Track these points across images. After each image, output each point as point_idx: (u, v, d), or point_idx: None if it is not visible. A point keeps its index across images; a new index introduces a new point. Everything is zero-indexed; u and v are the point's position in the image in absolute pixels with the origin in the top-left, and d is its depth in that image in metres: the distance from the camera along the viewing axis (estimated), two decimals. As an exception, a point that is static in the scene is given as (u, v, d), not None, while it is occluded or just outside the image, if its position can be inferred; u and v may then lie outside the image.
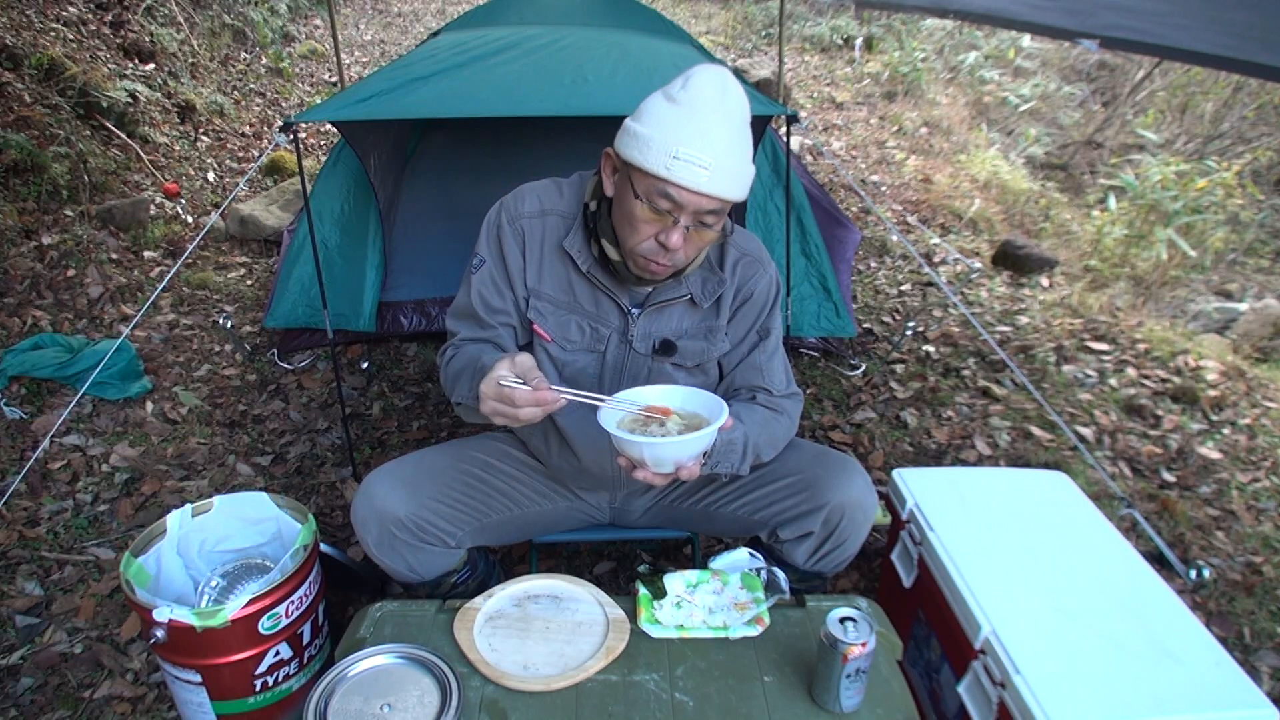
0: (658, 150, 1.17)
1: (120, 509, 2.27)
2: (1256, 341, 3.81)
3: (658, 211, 1.21)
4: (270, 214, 3.91)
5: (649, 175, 1.19)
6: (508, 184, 1.49)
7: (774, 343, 1.49)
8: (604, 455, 1.49)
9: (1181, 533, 2.32)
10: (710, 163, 1.16)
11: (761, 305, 1.46)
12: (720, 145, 1.17)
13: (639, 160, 1.19)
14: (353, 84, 2.66)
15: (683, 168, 1.16)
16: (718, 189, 1.18)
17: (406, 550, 1.41)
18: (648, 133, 1.19)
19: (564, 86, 2.12)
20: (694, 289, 1.40)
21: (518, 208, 1.40)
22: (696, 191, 1.17)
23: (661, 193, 1.19)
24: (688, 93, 1.19)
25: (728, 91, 1.20)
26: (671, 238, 1.22)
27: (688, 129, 1.17)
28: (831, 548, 1.46)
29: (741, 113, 1.22)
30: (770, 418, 1.43)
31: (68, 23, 4.38)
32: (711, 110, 1.18)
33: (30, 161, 3.36)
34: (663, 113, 1.19)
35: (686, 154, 1.16)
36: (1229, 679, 1.26)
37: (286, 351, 2.99)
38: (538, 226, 1.39)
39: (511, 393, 1.12)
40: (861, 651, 1.11)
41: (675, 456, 1.17)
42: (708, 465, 1.29)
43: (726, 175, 1.18)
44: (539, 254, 1.40)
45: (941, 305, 3.59)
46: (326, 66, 6.66)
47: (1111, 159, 6.08)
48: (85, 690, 1.75)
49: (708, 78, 1.20)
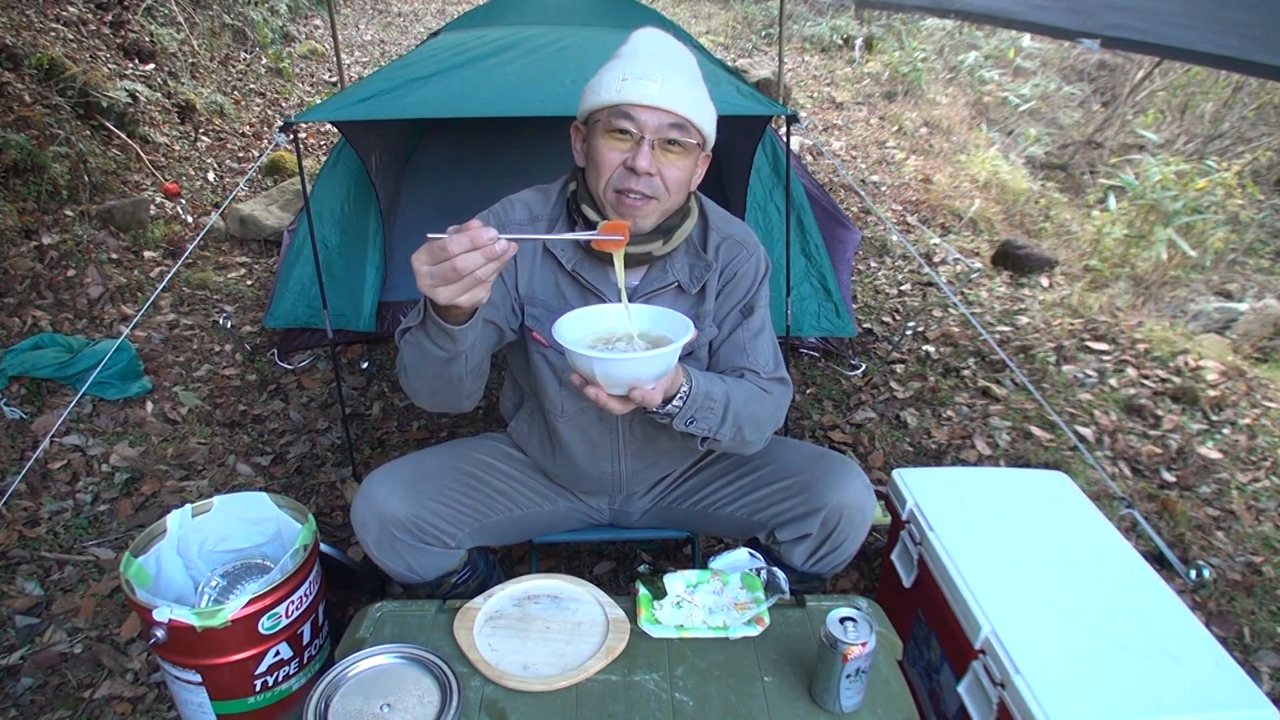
0: (607, 82, 1.24)
1: (120, 509, 2.27)
2: (1256, 341, 3.81)
3: (621, 134, 1.24)
4: (270, 214, 3.91)
5: (604, 108, 1.24)
6: (508, 184, 1.48)
7: (759, 321, 1.44)
8: (603, 460, 1.49)
9: (1181, 533, 2.32)
10: (658, 78, 1.21)
11: (747, 285, 1.43)
12: (667, 69, 1.23)
13: (593, 102, 1.25)
14: (353, 84, 2.66)
15: (631, 86, 1.21)
16: (670, 102, 1.21)
17: (406, 551, 1.41)
18: (596, 79, 1.27)
19: (564, 86, 2.12)
20: (680, 276, 1.39)
21: (509, 215, 1.41)
22: (650, 105, 1.21)
23: (619, 114, 1.23)
24: (629, 44, 1.28)
25: (669, 41, 1.29)
26: (640, 159, 1.23)
27: (631, 59, 1.25)
28: (829, 549, 1.46)
29: (687, 58, 1.29)
30: (756, 393, 1.37)
31: (68, 23, 4.38)
32: (653, 48, 1.27)
33: (30, 161, 3.36)
34: (609, 64, 1.28)
35: (633, 73, 1.22)
36: (1229, 679, 1.26)
37: (286, 351, 2.99)
38: (527, 233, 1.39)
39: (442, 242, 0.98)
40: (861, 651, 1.11)
41: (630, 375, 1.07)
42: (683, 417, 1.22)
43: (678, 92, 1.22)
44: (530, 260, 1.39)
45: (941, 305, 3.58)
46: (326, 66, 6.66)
47: (1111, 159, 6.08)
48: (85, 690, 1.75)
49: (648, 31, 1.30)
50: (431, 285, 0.99)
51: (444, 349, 1.14)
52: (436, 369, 1.19)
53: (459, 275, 0.98)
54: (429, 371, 1.21)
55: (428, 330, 1.13)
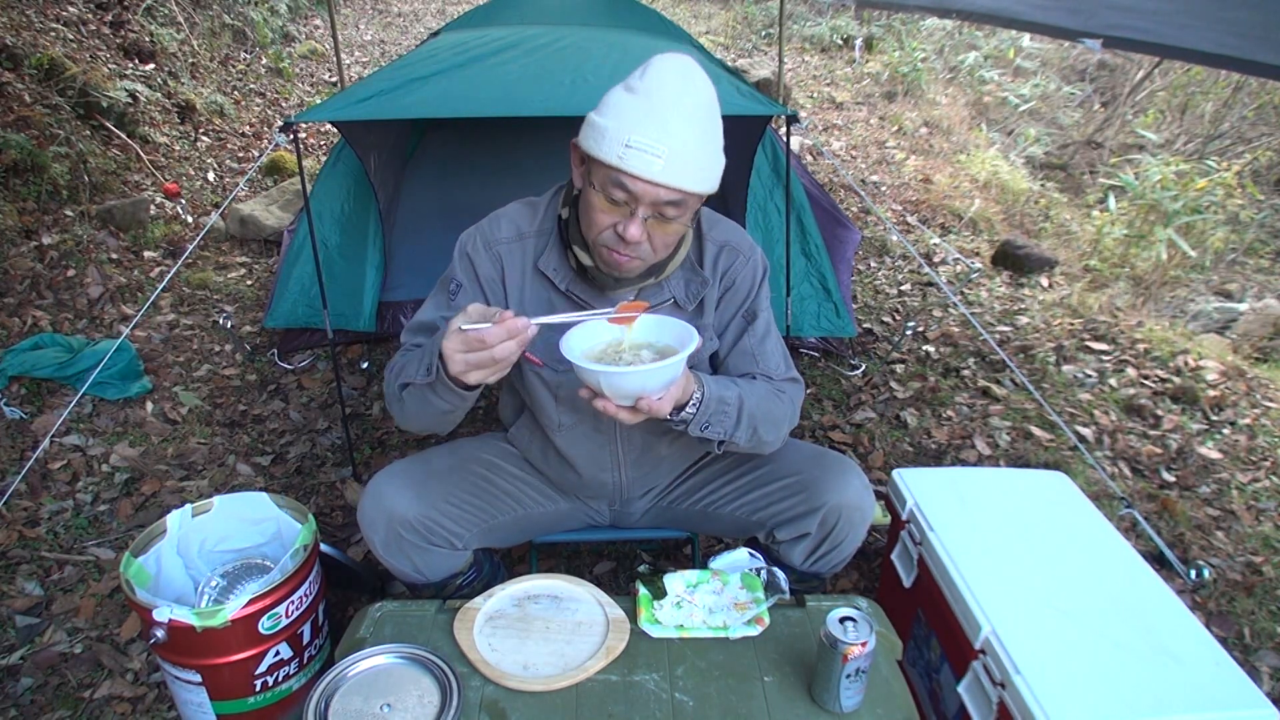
0: (611, 139, 1.13)
1: (120, 509, 2.27)
2: (1256, 341, 3.81)
3: (613, 202, 1.17)
4: (270, 214, 3.91)
5: (604, 165, 1.15)
6: (508, 184, 1.48)
7: (763, 326, 1.43)
8: (603, 470, 1.49)
9: (1181, 533, 2.32)
10: (664, 151, 1.12)
11: (746, 291, 1.42)
12: (677, 134, 1.13)
13: (594, 150, 1.16)
14: (353, 84, 2.66)
15: (635, 156, 1.12)
16: (672, 178, 1.13)
17: (414, 552, 1.41)
18: (604, 122, 1.15)
19: (564, 86, 2.12)
20: (677, 293, 1.37)
21: (493, 233, 1.36)
22: (650, 181, 1.13)
23: (615, 182, 1.15)
24: (645, 81, 1.15)
25: (689, 79, 1.16)
26: (629, 230, 1.17)
27: (642, 117, 1.13)
28: (828, 549, 1.46)
29: (705, 101, 1.17)
30: (771, 392, 1.38)
31: (68, 23, 4.38)
32: (670, 98, 1.13)
33: (30, 161, 3.36)
34: (620, 102, 1.16)
35: (639, 142, 1.12)
36: (1229, 679, 1.26)
37: (286, 351, 2.99)
38: (515, 251, 1.36)
39: (479, 334, 1.05)
40: (861, 651, 1.11)
41: (636, 387, 1.10)
42: (697, 423, 1.25)
43: (684, 165, 1.14)
44: (520, 280, 1.36)
45: (941, 305, 3.58)
46: (326, 66, 6.66)
47: (1111, 159, 6.08)
48: (85, 690, 1.75)
49: (667, 65, 1.16)
50: (464, 370, 1.08)
51: (451, 404, 1.21)
52: (438, 415, 1.26)
53: (494, 362, 1.07)
54: (430, 416, 1.27)
55: (437, 390, 1.18)
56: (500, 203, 1.44)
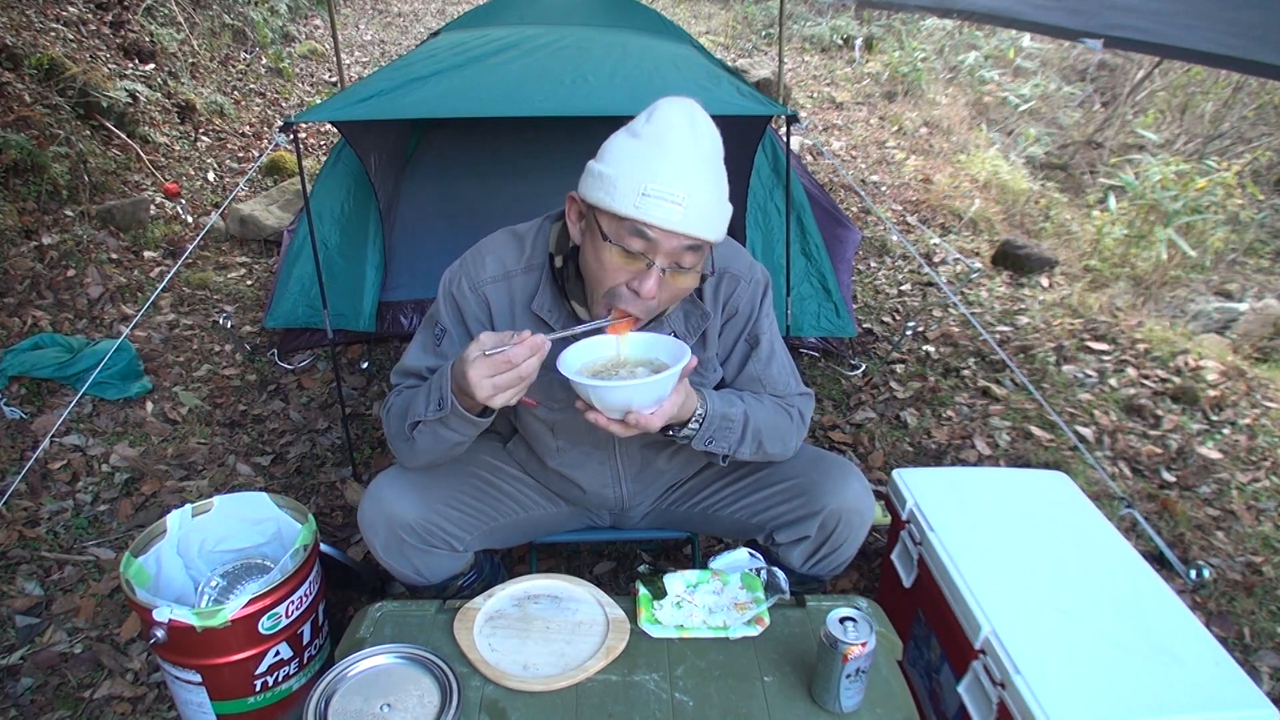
0: (625, 188, 1.07)
1: (120, 509, 2.27)
2: (1256, 341, 3.81)
3: (630, 254, 1.10)
4: (270, 214, 3.91)
5: (616, 216, 1.09)
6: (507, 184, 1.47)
7: (767, 349, 1.40)
8: (605, 487, 1.50)
9: (1181, 533, 2.32)
10: (684, 198, 1.06)
11: (747, 316, 1.38)
12: (693, 179, 1.08)
13: (605, 202, 1.09)
14: (353, 84, 2.66)
15: (654, 204, 1.06)
16: (693, 227, 1.08)
17: (414, 554, 1.41)
18: (613, 172, 1.09)
19: (564, 86, 2.12)
20: (677, 327, 1.33)
21: (478, 274, 1.31)
22: (670, 230, 1.08)
23: (634, 232, 1.09)
24: (653, 126, 1.10)
25: (696, 123, 1.11)
26: (646, 285, 1.11)
27: (656, 163, 1.07)
28: (828, 552, 1.46)
29: (713, 146, 1.13)
30: (780, 407, 1.39)
31: (68, 23, 4.38)
32: (681, 142, 1.09)
33: (30, 161, 3.36)
34: (628, 148, 1.10)
35: (657, 190, 1.06)
36: (1229, 679, 1.26)
37: (286, 351, 2.99)
38: (503, 291, 1.31)
39: (505, 355, 1.05)
40: (861, 651, 1.11)
41: (623, 401, 1.11)
42: (701, 439, 1.25)
43: (702, 212, 1.09)
44: (509, 320, 1.31)
45: (941, 305, 3.58)
46: (326, 66, 6.66)
47: (1111, 159, 6.08)
48: (85, 690, 1.75)
49: (674, 109, 1.11)
50: (492, 394, 1.08)
51: (464, 435, 1.22)
52: (448, 448, 1.27)
53: (521, 380, 1.08)
54: (441, 450, 1.28)
55: (450, 423, 1.19)
56: (500, 203, 1.43)
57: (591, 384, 1.10)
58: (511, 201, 2.96)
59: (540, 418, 1.41)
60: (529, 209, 1.45)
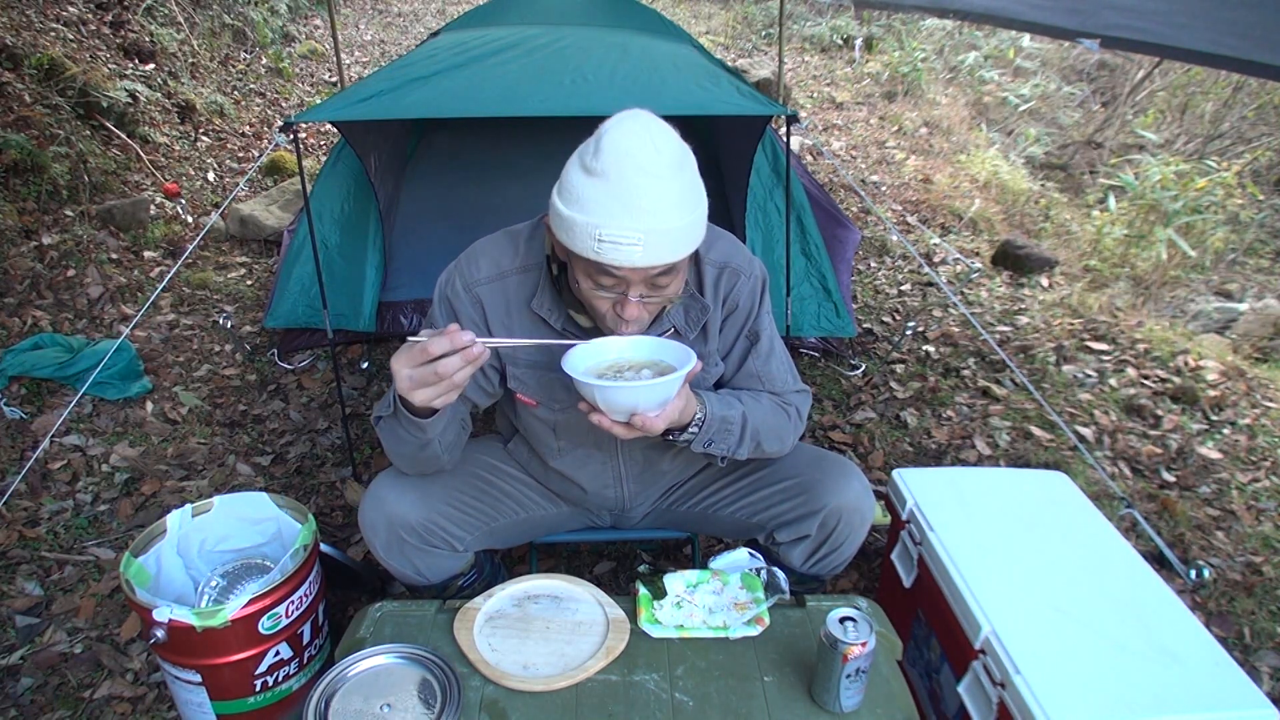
0: (581, 234, 1.08)
1: (120, 509, 2.27)
2: (1256, 341, 3.81)
3: (603, 289, 1.15)
4: (270, 214, 3.91)
5: (581, 258, 1.12)
6: (508, 184, 1.47)
7: (767, 344, 1.41)
8: (607, 487, 1.50)
9: (1181, 533, 2.32)
10: (639, 237, 1.06)
11: (748, 311, 1.39)
12: (648, 214, 1.06)
13: (568, 243, 1.11)
14: (353, 84, 2.66)
15: (611, 249, 1.07)
16: (655, 259, 1.09)
17: (414, 554, 1.41)
18: (570, 214, 1.09)
19: (564, 86, 2.12)
20: (677, 321, 1.34)
21: (472, 274, 1.31)
22: (632, 268, 1.09)
23: (600, 271, 1.12)
24: (601, 160, 1.06)
25: (646, 142, 1.07)
26: (628, 310, 1.15)
27: (607, 205, 1.06)
28: (828, 551, 1.46)
29: (671, 160, 1.08)
30: (777, 406, 1.40)
31: (68, 23, 4.38)
32: (631, 174, 1.05)
33: (30, 161, 3.36)
34: (581, 188, 1.08)
35: (611, 235, 1.06)
36: (1229, 679, 1.26)
37: (286, 351, 2.99)
38: (498, 290, 1.31)
39: (423, 345, 1.01)
40: (861, 651, 1.11)
41: (630, 402, 1.12)
42: (700, 441, 1.26)
43: (662, 241, 1.08)
44: (506, 319, 1.32)
45: (941, 305, 3.58)
46: (326, 66, 6.66)
47: (1111, 159, 6.08)
48: (85, 690, 1.75)
49: (620, 134, 1.07)
50: (410, 388, 1.06)
51: (416, 438, 1.22)
52: (413, 451, 1.27)
53: (439, 379, 1.03)
54: (406, 453, 1.28)
55: (400, 421, 1.19)
56: (500, 202, 1.44)
57: (598, 384, 1.10)
58: (511, 201, 2.96)
59: (541, 418, 1.41)
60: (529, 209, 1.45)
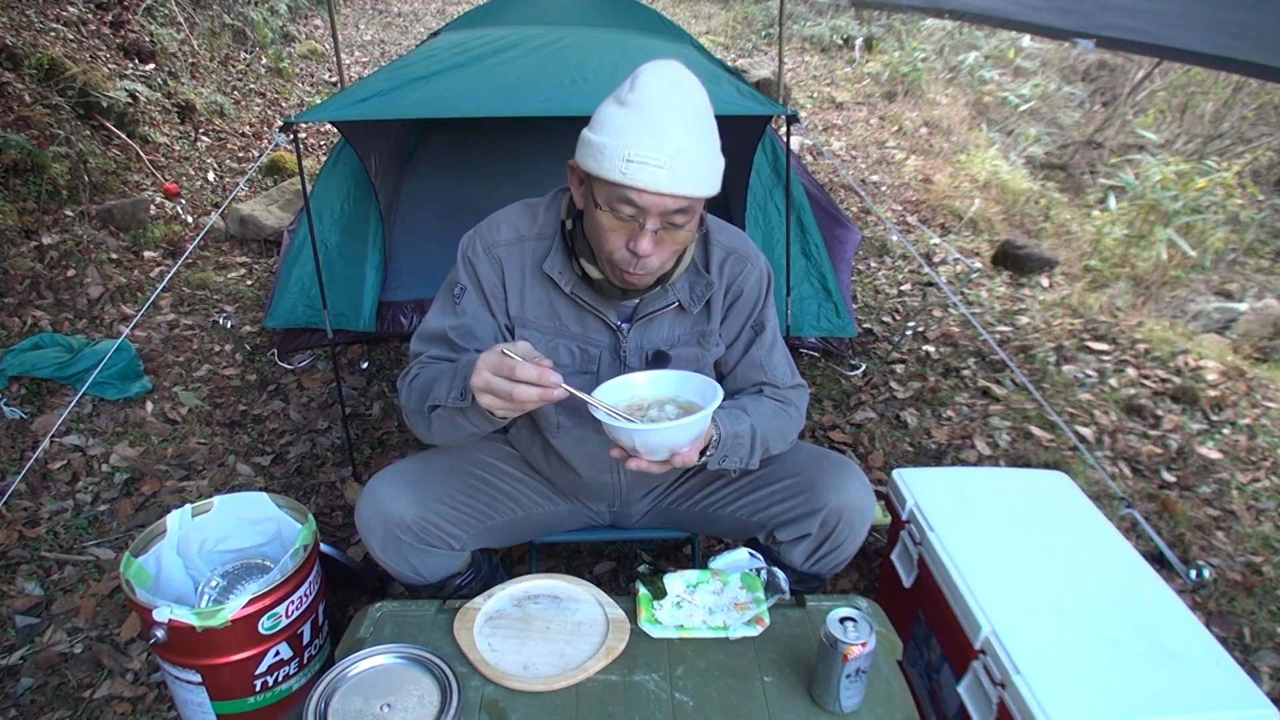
0: (611, 156, 1.14)
1: (120, 509, 2.27)
2: (1256, 341, 3.81)
3: (622, 219, 1.18)
4: (270, 214, 3.91)
5: (607, 182, 1.16)
6: (508, 184, 1.48)
7: (770, 335, 1.46)
8: (603, 471, 1.50)
9: (1181, 533, 2.32)
10: (666, 161, 1.13)
11: (754, 301, 1.43)
12: (675, 141, 1.13)
13: (595, 169, 1.16)
14: (353, 84, 2.66)
15: (638, 170, 1.13)
16: (677, 187, 1.14)
17: (411, 553, 1.41)
18: (601, 140, 1.16)
19: (564, 86, 2.12)
20: (682, 296, 1.37)
21: (492, 236, 1.36)
22: (656, 192, 1.14)
23: (622, 198, 1.16)
24: (636, 93, 1.16)
25: (679, 86, 1.17)
26: (641, 244, 1.18)
27: (639, 130, 1.14)
28: (829, 550, 1.46)
29: (696, 104, 1.18)
30: (778, 409, 1.42)
31: (68, 23, 4.38)
32: (662, 106, 1.14)
33: (30, 161, 3.36)
34: (614, 117, 1.16)
35: (640, 155, 1.12)
36: (1229, 679, 1.26)
37: (286, 351, 2.99)
38: (515, 254, 1.36)
39: (511, 363, 1.07)
40: (861, 651, 1.11)
41: (669, 443, 1.16)
42: (715, 459, 1.28)
43: (686, 171, 1.15)
44: (520, 282, 1.36)
45: (941, 305, 3.58)
46: (326, 66, 6.66)
47: (1111, 159, 6.08)
48: (85, 690, 1.75)
49: (656, 73, 1.17)
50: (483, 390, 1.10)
51: (480, 428, 1.24)
52: (467, 434, 1.28)
53: (510, 399, 1.08)
54: (457, 437, 1.30)
55: (469, 415, 1.21)
56: (500, 203, 1.44)
57: (638, 428, 1.14)
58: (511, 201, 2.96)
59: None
60: (528, 209, 1.45)
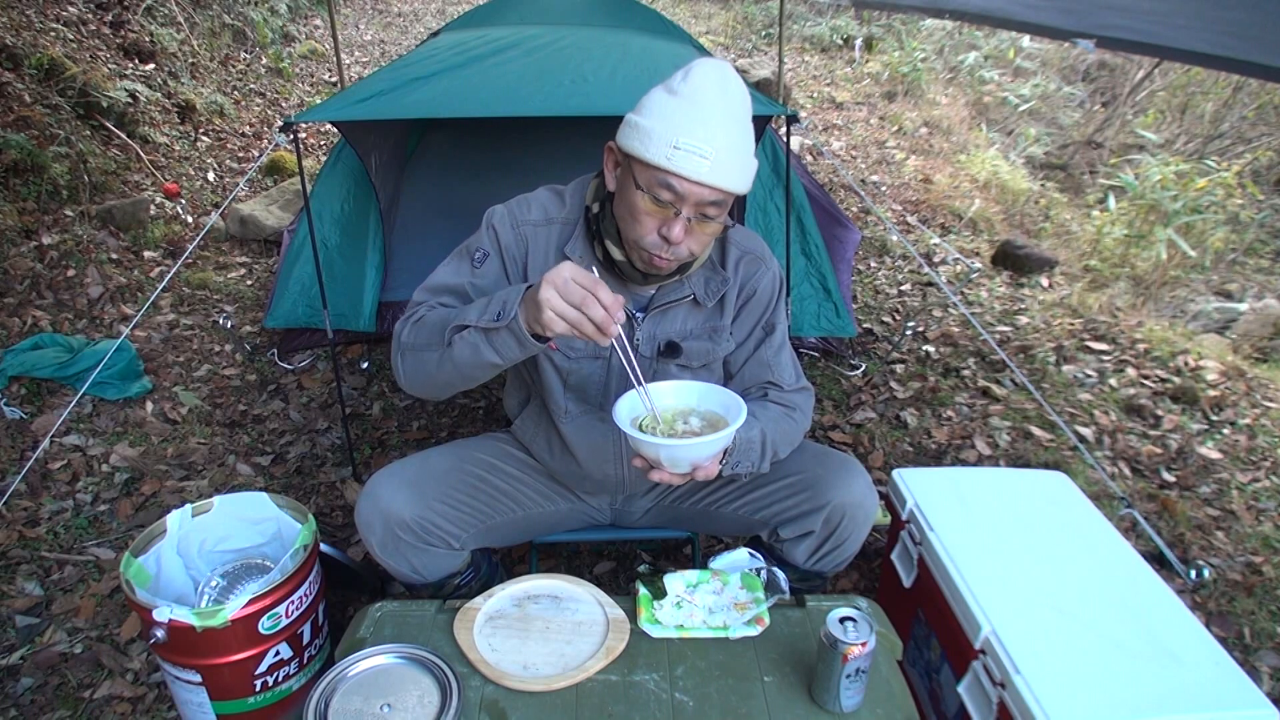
0: (659, 141, 1.17)
1: (120, 509, 2.27)
2: (1256, 341, 3.81)
3: (659, 203, 1.20)
4: (270, 214, 3.91)
5: (650, 166, 1.18)
6: (508, 184, 1.48)
7: (780, 337, 1.48)
8: (605, 462, 1.50)
9: (1181, 533, 2.32)
10: (711, 153, 1.16)
11: (766, 302, 1.46)
12: (721, 136, 1.17)
13: (640, 151, 1.19)
14: (353, 84, 2.66)
15: (684, 158, 1.16)
16: (719, 179, 1.18)
17: (410, 552, 1.41)
18: (649, 124, 1.19)
19: (564, 86, 2.12)
20: (697, 289, 1.40)
21: (524, 214, 1.39)
22: (698, 181, 1.17)
23: (663, 183, 1.18)
24: (688, 85, 1.19)
25: (728, 84, 1.20)
26: (674, 230, 1.21)
27: (688, 120, 1.17)
28: (832, 547, 1.47)
29: (742, 106, 1.22)
30: (784, 413, 1.43)
31: (68, 23, 4.38)
32: (712, 102, 1.18)
33: (30, 161, 3.36)
34: (664, 104, 1.20)
35: (687, 144, 1.16)
36: (1229, 679, 1.26)
37: (286, 351, 2.99)
38: (542, 235, 1.38)
39: (595, 278, 1.07)
40: (861, 651, 1.11)
41: (693, 457, 1.18)
42: (728, 466, 1.29)
43: (728, 166, 1.18)
44: (543, 262, 1.37)
45: (941, 305, 3.58)
46: (326, 66, 6.66)
47: (1111, 159, 6.08)
48: (85, 690, 1.75)
49: (708, 69, 1.20)
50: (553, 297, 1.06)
51: (503, 358, 1.19)
52: (470, 371, 1.23)
53: (578, 312, 1.05)
54: (462, 371, 1.24)
55: (498, 337, 1.16)
56: (500, 203, 1.44)
57: (664, 443, 1.15)
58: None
59: (556, 365, 1.42)
60: (529, 209, 1.45)
